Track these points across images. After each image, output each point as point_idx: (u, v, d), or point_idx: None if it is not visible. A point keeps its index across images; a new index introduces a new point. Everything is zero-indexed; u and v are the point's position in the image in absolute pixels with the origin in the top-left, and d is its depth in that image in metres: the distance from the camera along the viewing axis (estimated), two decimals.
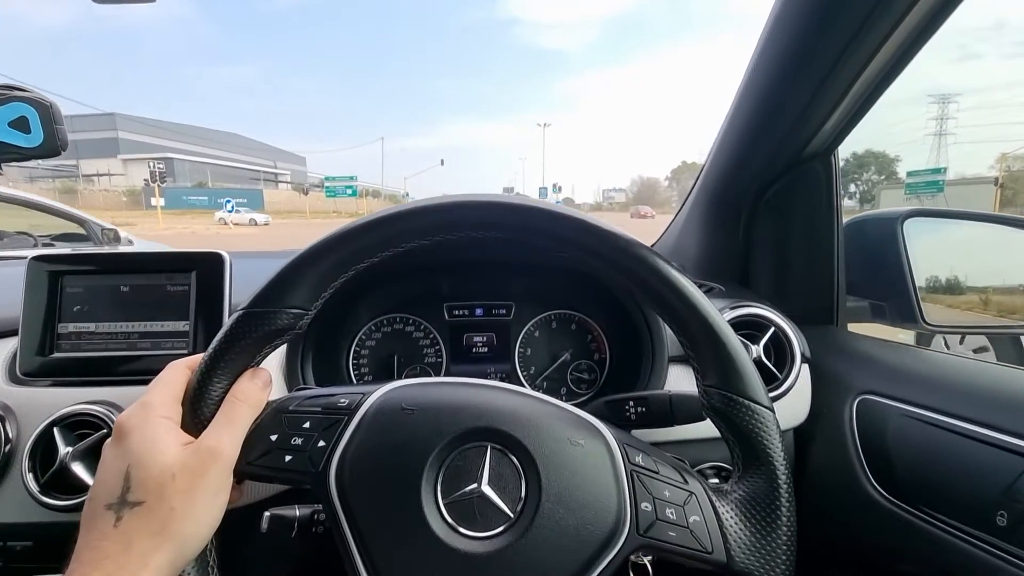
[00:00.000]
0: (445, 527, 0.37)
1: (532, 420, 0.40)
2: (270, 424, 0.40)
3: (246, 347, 0.40)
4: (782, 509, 0.39)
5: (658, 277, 0.40)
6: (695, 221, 1.04)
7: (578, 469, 0.39)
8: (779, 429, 0.40)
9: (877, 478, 0.66)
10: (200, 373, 0.40)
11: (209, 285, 0.71)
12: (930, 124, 49.90)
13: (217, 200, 36.05)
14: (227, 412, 0.39)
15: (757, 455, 0.40)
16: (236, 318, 0.40)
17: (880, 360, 0.75)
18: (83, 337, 0.70)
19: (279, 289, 0.40)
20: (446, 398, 0.42)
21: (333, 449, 0.38)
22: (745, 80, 0.78)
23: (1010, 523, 0.51)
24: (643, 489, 0.39)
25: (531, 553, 0.36)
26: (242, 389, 0.40)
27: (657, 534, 0.37)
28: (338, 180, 35.79)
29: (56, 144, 0.76)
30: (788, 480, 0.40)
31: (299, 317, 0.41)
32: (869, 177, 46.80)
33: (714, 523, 0.38)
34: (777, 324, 0.77)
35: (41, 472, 0.63)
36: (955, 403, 0.61)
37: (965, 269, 1.00)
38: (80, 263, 0.71)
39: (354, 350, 0.86)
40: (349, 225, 0.41)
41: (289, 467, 0.38)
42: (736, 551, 0.38)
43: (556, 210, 0.41)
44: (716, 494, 0.40)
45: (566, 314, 0.90)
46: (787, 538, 0.38)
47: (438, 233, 0.41)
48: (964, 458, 0.57)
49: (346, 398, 0.41)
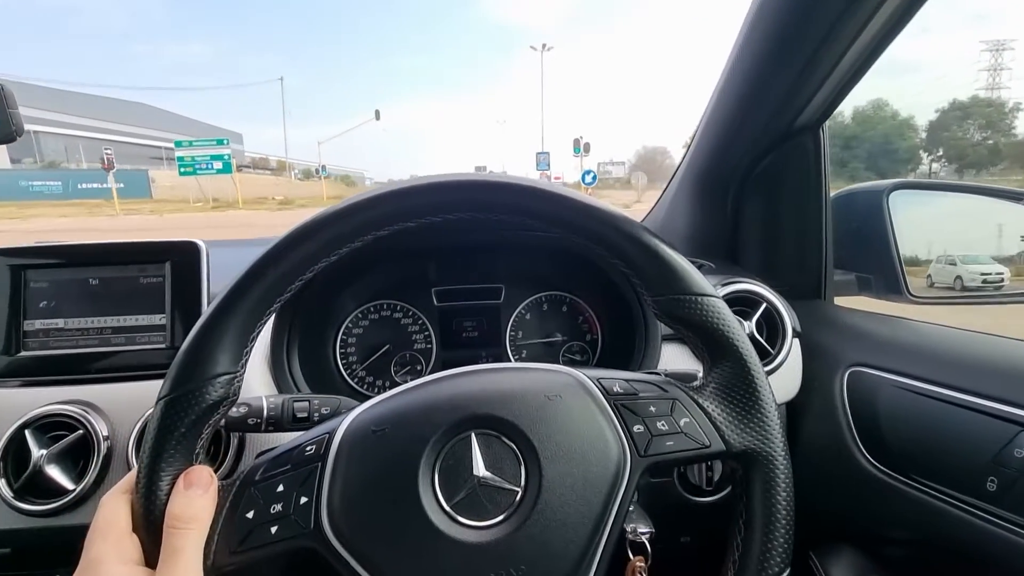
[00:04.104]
0: (460, 528, 0.35)
1: (504, 392, 0.39)
2: (242, 503, 0.37)
3: (182, 439, 0.36)
4: (756, 384, 0.40)
5: (583, 212, 0.41)
6: (683, 197, 1.03)
7: (565, 422, 0.38)
8: (732, 314, 0.42)
9: (869, 449, 0.67)
10: (143, 490, 0.35)
11: (185, 276, 0.68)
12: (980, 76, 38.35)
13: (78, 186, 25.97)
14: (168, 546, 0.34)
15: (718, 342, 0.41)
16: (159, 411, 0.36)
17: (869, 332, 0.76)
18: (51, 334, 0.66)
19: (196, 360, 0.36)
20: (413, 404, 0.40)
21: (318, 501, 0.36)
22: (734, 53, 0.76)
23: (1000, 488, 0.53)
24: (630, 413, 0.39)
25: (549, 519, 0.36)
26: (175, 513, 0.35)
27: (657, 449, 0.38)
28: (197, 147, 21.12)
29: (11, 129, 0.71)
30: (753, 356, 0.41)
31: (229, 383, 0.37)
32: (970, 136, 30.33)
33: (703, 418, 0.40)
34: (769, 300, 0.77)
35: (14, 477, 0.60)
36: (944, 373, 0.62)
37: (947, 239, 1.01)
38: (44, 256, 0.67)
39: (341, 339, 0.84)
40: (254, 262, 0.38)
41: (278, 537, 0.35)
42: (730, 436, 0.39)
43: (448, 180, 0.40)
44: (695, 392, 0.41)
45: (557, 295, 0.89)
46: (770, 409, 0.40)
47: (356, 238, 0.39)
48: (954, 426, 0.58)
49: (311, 445, 0.38)
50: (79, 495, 0.60)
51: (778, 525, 0.38)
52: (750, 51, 0.73)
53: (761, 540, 0.38)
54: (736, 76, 0.78)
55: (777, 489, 0.39)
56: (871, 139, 20.50)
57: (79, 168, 31.47)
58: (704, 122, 0.90)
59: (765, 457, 0.39)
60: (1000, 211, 0.92)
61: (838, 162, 11.38)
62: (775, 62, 0.71)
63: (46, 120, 35.27)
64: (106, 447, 0.61)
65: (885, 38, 0.66)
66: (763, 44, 0.71)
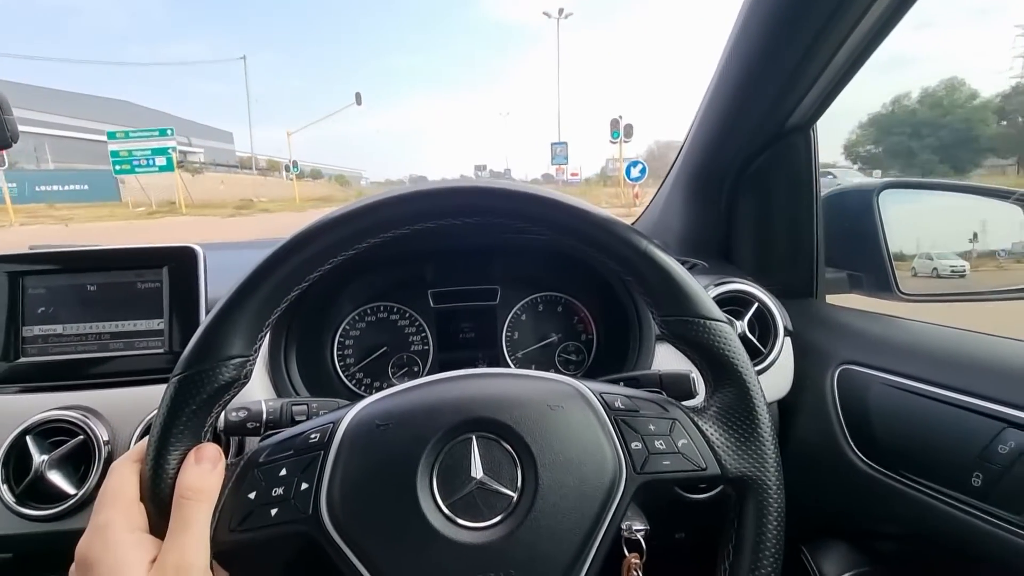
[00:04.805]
0: (455, 528, 0.36)
1: (507, 398, 0.40)
2: (245, 483, 0.38)
3: (193, 416, 0.37)
4: (757, 411, 0.41)
5: (597, 226, 0.41)
6: (677, 197, 1.04)
7: (565, 432, 0.39)
8: (739, 340, 0.42)
9: (859, 446, 0.68)
10: (152, 462, 0.36)
11: (183, 281, 0.68)
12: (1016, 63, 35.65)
13: (35, 188, 22.46)
14: (179, 516, 0.35)
15: (723, 367, 0.41)
16: (172, 387, 0.37)
17: (860, 331, 0.77)
18: (50, 340, 0.67)
19: (212, 342, 0.37)
20: (417, 403, 0.41)
21: (318, 488, 0.37)
22: (726, 53, 0.77)
23: (985, 484, 0.54)
24: (630, 430, 0.40)
25: (542, 525, 0.36)
26: (187, 484, 0.36)
27: (653, 467, 0.39)
28: (135, 139, 17.74)
29: (6, 135, 0.71)
30: (756, 384, 0.41)
31: (242, 365, 0.38)
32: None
33: (701, 441, 0.40)
34: (760, 300, 0.78)
35: (16, 482, 0.60)
36: (933, 370, 0.63)
37: (935, 238, 1.02)
38: (41, 262, 0.67)
39: (338, 341, 0.84)
40: (276, 249, 0.39)
41: (277, 520, 0.36)
42: (726, 460, 0.40)
43: (445, 186, 0.40)
44: (695, 414, 0.42)
45: (552, 296, 0.90)
46: (768, 437, 0.41)
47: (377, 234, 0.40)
48: (942, 423, 0.59)
49: (316, 432, 0.39)
50: (80, 500, 0.60)
51: (767, 553, 0.39)
52: (742, 50, 0.74)
53: (749, 567, 0.38)
54: (728, 76, 0.79)
55: (769, 517, 0.39)
56: (947, 125, 15.79)
57: (39, 169, 27.67)
58: (698, 121, 0.90)
59: (760, 485, 0.40)
60: (986, 209, 0.93)
61: (906, 153, 8.90)
62: (767, 61, 0.72)
63: (28, 120, 30.86)
64: (107, 452, 0.62)
65: (876, 37, 0.67)
66: (755, 43, 0.71)
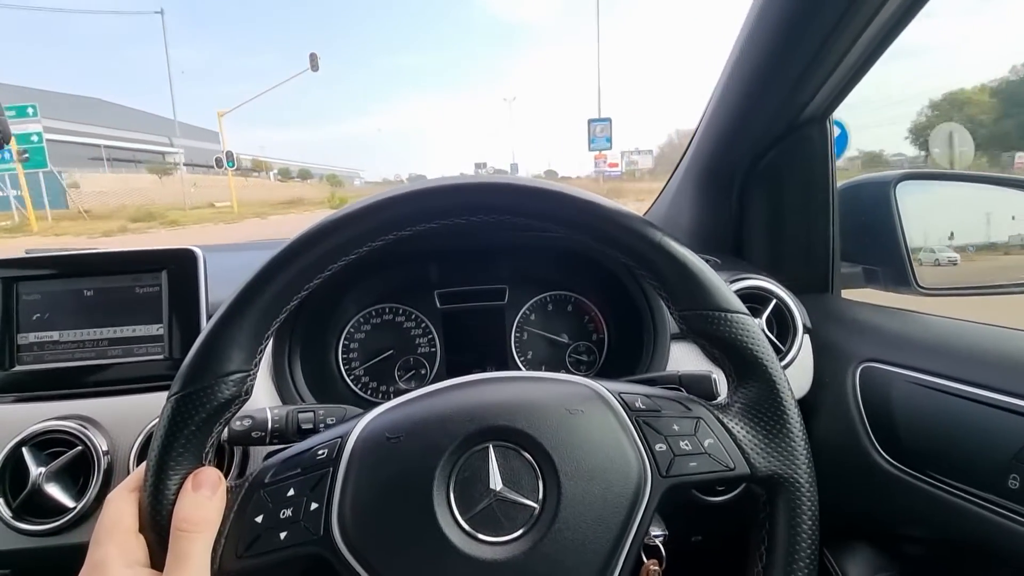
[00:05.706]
0: (475, 544, 0.34)
1: (524, 404, 0.38)
2: (251, 506, 0.35)
3: (192, 437, 0.35)
4: (785, 405, 0.39)
5: (608, 219, 0.40)
6: (687, 191, 1.02)
7: (586, 437, 0.37)
8: (762, 333, 0.40)
9: (884, 446, 0.66)
10: (150, 489, 0.34)
11: (182, 285, 0.66)
12: None
13: None
14: (175, 550, 0.33)
15: (746, 361, 0.39)
16: (169, 407, 0.35)
17: (880, 327, 0.75)
18: (46, 347, 0.64)
19: (209, 358, 0.35)
20: (428, 412, 0.38)
21: (328, 508, 0.35)
22: (739, 44, 0.74)
23: (1023, 485, 0.52)
24: (653, 432, 0.38)
25: (566, 537, 0.35)
26: (183, 516, 0.34)
27: (679, 469, 0.37)
28: None
29: None
30: (783, 378, 0.40)
31: (242, 381, 0.36)
32: None
33: (727, 439, 0.38)
34: (779, 296, 0.76)
35: (12, 496, 0.58)
36: (960, 368, 0.61)
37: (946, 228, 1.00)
38: (35, 267, 0.65)
39: (343, 344, 0.82)
40: (273, 258, 0.37)
41: (287, 543, 0.34)
42: (755, 459, 0.38)
43: (446, 184, 0.39)
44: (720, 411, 0.40)
45: (562, 295, 0.88)
46: (798, 432, 0.39)
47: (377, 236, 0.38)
48: (972, 423, 0.57)
49: (323, 448, 0.37)
50: (80, 513, 0.58)
51: (802, 555, 0.37)
52: (756, 42, 0.72)
53: (784, 570, 0.37)
54: (741, 67, 0.76)
55: (803, 518, 0.37)
56: None
57: None
58: (708, 114, 0.88)
59: (792, 483, 0.38)
60: (1006, 200, 0.91)
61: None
62: (782, 52, 0.70)
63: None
64: (106, 463, 0.60)
65: (896, 27, 0.65)
66: (769, 34, 0.69)
